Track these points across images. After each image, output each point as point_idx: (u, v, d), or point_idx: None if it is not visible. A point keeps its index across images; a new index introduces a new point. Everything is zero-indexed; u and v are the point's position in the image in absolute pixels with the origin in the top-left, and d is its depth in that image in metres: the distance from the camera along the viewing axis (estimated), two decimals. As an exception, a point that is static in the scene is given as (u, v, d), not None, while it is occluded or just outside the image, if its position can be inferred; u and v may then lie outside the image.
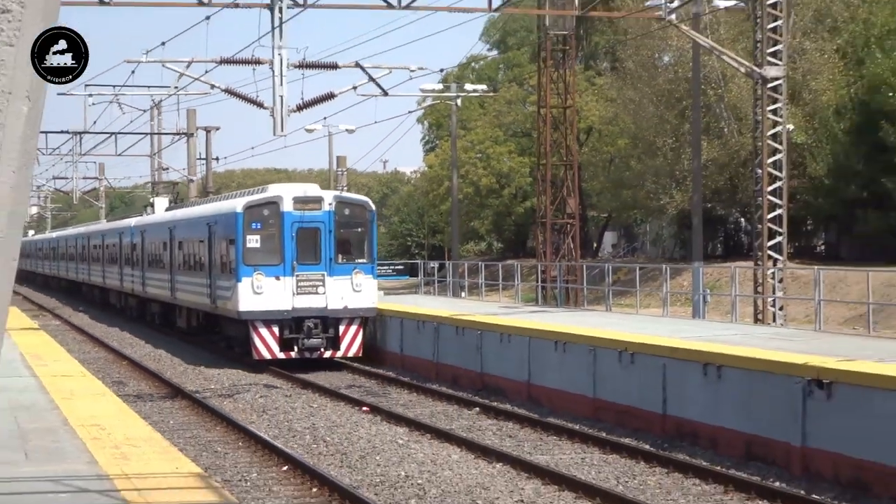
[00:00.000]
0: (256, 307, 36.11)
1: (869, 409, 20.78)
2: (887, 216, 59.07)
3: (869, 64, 60.67)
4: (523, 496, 20.35)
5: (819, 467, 20.82)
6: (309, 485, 21.61)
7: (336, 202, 37.49)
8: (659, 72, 69.60)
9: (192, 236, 48.03)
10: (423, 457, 24.04)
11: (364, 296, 37.30)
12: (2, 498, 11.42)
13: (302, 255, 36.68)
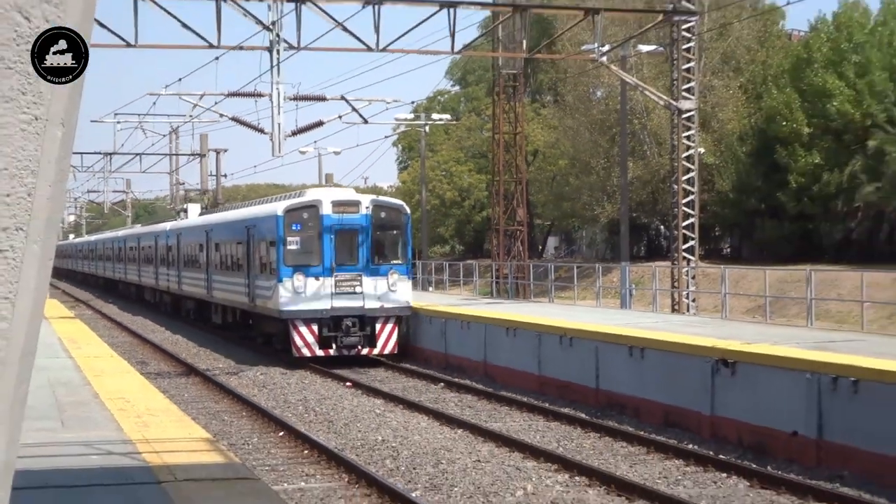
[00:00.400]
0: (296, 306, 32.21)
1: (765, 383, 20.92)
2: (781, 225, 59.50)
3: (766, 98, 61.16)
4: (479, 456, 20.33)
5: (725, 432, 21.27)
6: (301, 447, 21.60)
7: (373, 206, 33.50)
8: (593, 104, 69.88)
9: (229, 238, 42.76)
10: (397, 424, 24.12)
11: (399, 295, 33.30)
12: (43, 460, 11.32)
13: (340, 257, 32.85)
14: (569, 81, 71.28)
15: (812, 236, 58.31)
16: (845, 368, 19.34)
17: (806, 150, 57.65)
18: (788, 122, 58.06)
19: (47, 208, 4.75)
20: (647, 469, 19.39)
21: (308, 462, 20.38)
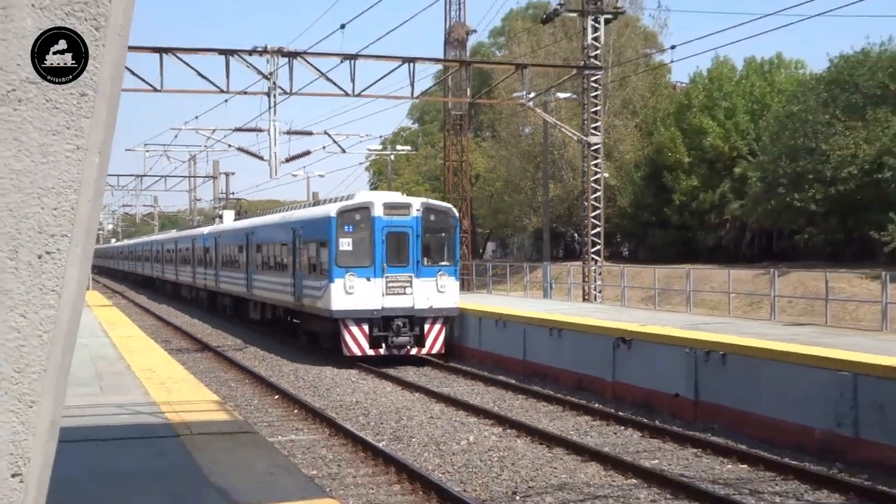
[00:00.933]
0: (348, 306, 27.12)
1: (654, 356, 21.11)
2: (667, 233, 60.35)
3: (656, 135, 61.83)
4: (433, 413, 20.33)
5: (623, 395, 21.47)
6: (292, 407, 21.52)
7: (423, 208, 28.26)
8: (522, 138, 70.05)
9: (271, 240, 36.54)
10: (368, 389, 24.08)
11: (447, 296, 27.96)
12: (85, 418, 11.24)
13: (391, 258, 27.70)
14: (503, 121, 71.55)
15: (691, 242, 58.85)
16: (715, 344, 19.62)
17: (686, 175, 58.34)
18: (673, 153, 58.78)
19: (87, 219, 4.73)
20: (563, 423, 19.47)
21: (297, 419, 20.33)
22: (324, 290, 28.18)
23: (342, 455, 16.77)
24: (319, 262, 28.91)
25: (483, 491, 14.21)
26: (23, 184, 4.66)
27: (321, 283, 28.54)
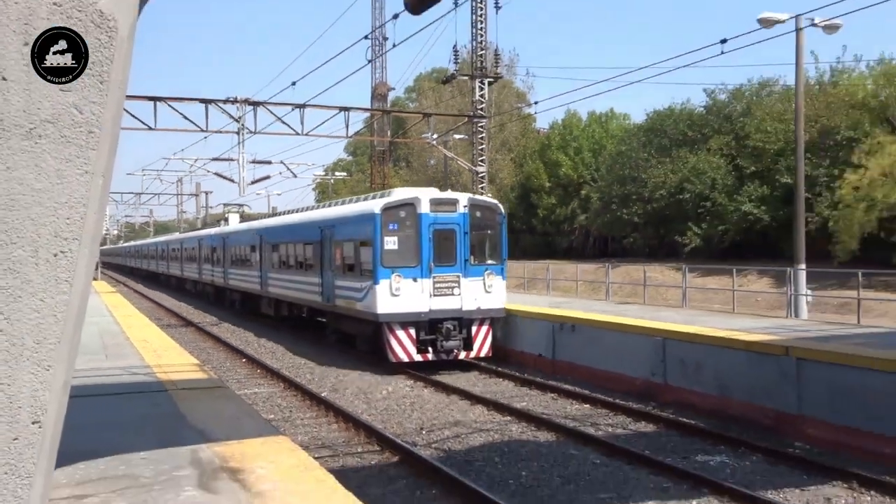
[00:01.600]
0: (394, 309, 20.11)
1: (525, 327, 21.25)
2: (534, 238, 60.74)
3: (525, 166, 62.72)
4: (363, 371, 20.16)
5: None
6: (256, 368, 21.15)
7: (470, 204, 21.65)
8: (428, 168, 70.07)
9: (292, 239, 28.30)
10: (313, 355, 23.68)
11: (495, 297, 21.23)
12: (93, 378, 10.92)
13: (438, 257, 20.82)
14: (414, 155, 71.62)
15: (550, 244, 59.54)
16: (568, 318, 19.84)
17: (547, 195, 59.31)
18: (537, 180, 59.68)
19: (93, 227, 4.62)
20: (456, 378, 19.34)
21: (259, 376, 20.02)
22: (366, 292, 20.63)
23: (294, 403, 16.57)
24: (359, 262, 21.33)
25: (399, 427, 14.20)
26: (42, 199, 4.56)
27: (362, 284, 20.91)
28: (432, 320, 20.04)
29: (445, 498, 10.17)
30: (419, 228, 20.20)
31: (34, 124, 4.35)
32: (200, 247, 45.31)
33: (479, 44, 29.71)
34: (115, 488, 6.03)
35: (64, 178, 4.50)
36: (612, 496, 10.25)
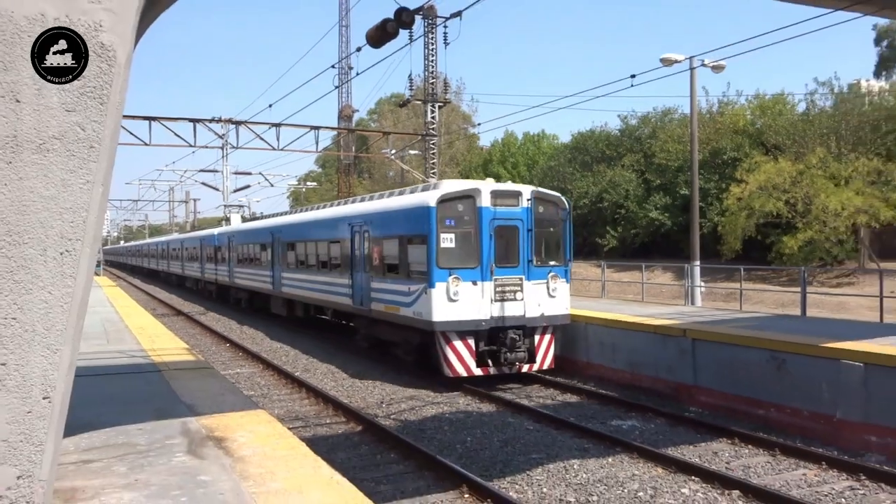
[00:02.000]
0: (451, 316, 15.22)
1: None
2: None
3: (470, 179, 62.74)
4: (332, 353, 19.98)
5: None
6: (239, 351, 20.86)
7: (533, 197, 16.47)
8: (388, 179, 69.79)
9: (313, 237, 22.49)
10: (290, 339, 23.38)
11: (559, 302, 16.40)
12: (95, 360, 10.70)
13: (500, 257, 15.85)
14: (376, 167, 71.32)
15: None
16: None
17: (489, 203, 59.33)
18: (480, 189, 59.65)
19: (94, 229, 4.58)
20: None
21: (241, 359, 19.76)
22: (416, 297, 15.58)
23: (271, 382, 16.40)
24: (405, 263, 16.17)
25: (362, 402, 14.16)
26: (49, 205, 4.50)
27: (410, 287, 15.79)
28: (492, 329, 15.33)
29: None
30: (479, 224, 15.31)
31: (43, 140, 4.32)
32: (202, 246, 40.39)
33: (431, 73, 29.83)
34: (116, 455, 5.95)
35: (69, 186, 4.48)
36: (542, 456, 10.38)
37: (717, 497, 8.63)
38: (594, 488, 8.97)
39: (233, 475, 5.34)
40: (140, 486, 5.17)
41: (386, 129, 49.60)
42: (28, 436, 4.32)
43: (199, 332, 25.77)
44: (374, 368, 17.53)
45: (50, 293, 4.40)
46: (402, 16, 12.01)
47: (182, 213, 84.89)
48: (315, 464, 5.61)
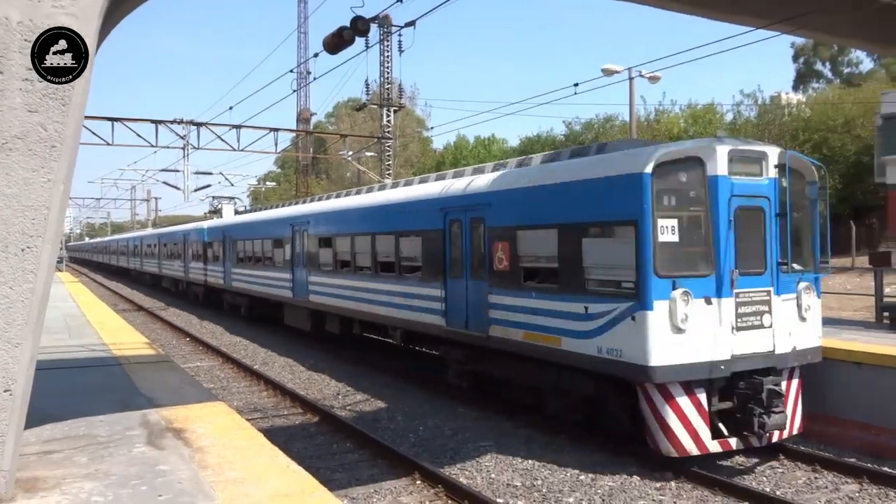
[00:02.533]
0: (678, 357, 7.31)
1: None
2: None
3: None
4: (291, 348, 19.76)
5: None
6: (199, 345, 20.53)
7: (784, 164, 7.96)
8: (346, 180, 69.39)
9: (366, 229, 15.24)
10: (253, 333, 23.05)
11: (811, 328, 8.22)
12: (57, 354, 10.45)
13: (742, 258, 7.78)
14: (333, 168, 70.81)
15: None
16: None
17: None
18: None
19: (55, 226, 4.52)
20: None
21: (201, 353, 19.46)
22: (609, 324, 8.73)
23: (230, 375, 16.22)
24: (580, 267, 9.33)
25: (319, 394, 14.09)
26: (11, 203, 4.43)
27: (597, 307, 8.94)
28: (733, 374, 8.71)
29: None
30: (714, 204, 8.63)
31: (5, 139, 4.24)
32: (187, 241, 32.77)
33: (386, 79, 29.85)
34: (77, 446, 5.85)
35: (30, 185, 4.42)
36: (491, 443, 10.49)
37: None
38: None
39: (192, 465, 5.30)
40: (101, 475, 5.09)
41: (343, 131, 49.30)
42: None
43: (159, 327, 25.26)
44: (332, 362, 17.44)
45: (11, 288, 4.32)
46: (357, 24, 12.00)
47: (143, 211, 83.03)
48: (272, 453, 5.61)
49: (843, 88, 47.58)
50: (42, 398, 7.05)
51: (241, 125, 27.93)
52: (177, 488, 4.82)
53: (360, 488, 8.58)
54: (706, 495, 8.06)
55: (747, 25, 10.78)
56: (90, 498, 4.64)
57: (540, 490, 8.51)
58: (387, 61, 29.43)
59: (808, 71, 50.74)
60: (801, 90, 49.57)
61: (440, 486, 8.45)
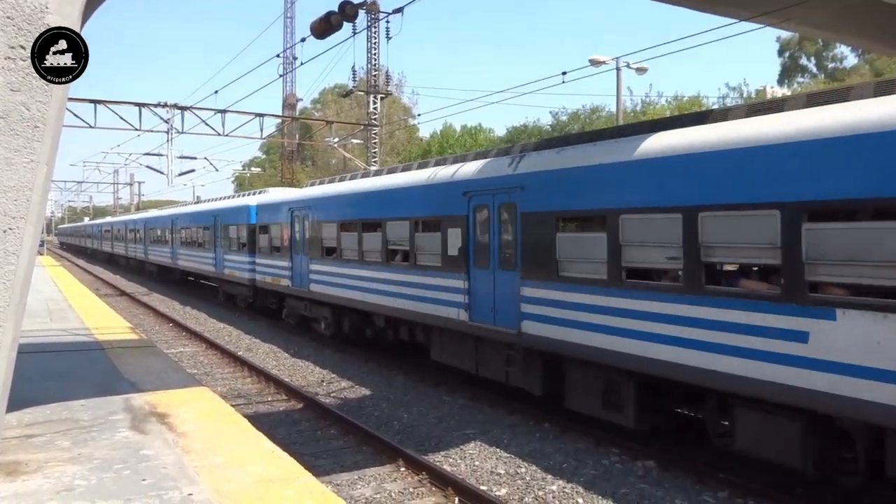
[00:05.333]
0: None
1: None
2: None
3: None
4: (273, 336, 19.69)
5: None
6: (182, 331, 20.42)
7: None
8: (332, 167, 68.91)
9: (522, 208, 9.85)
10: (245, 323, 22.92)
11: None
12: (39, 338, 10.35)
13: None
14: (319, 155, 70.21)
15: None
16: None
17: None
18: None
19: (37, 207, 4.45)
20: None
21: (185, 338, 19.35)
22: None
23: (214, 360, 16.15)
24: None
25: (303, 381, 14.08)
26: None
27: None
28: None
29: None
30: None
31: (-14, 119, 4.16)
32: (220, 225, 24.18)
33: (373, 66, 29.68)
34: (59, 430, 5.80)
35: (12, 165, 4.35)
36: (476, 431, 10.54)
37: None
38: None
39: (175, 449, 5.28)
40: (83, 459, 5.06)
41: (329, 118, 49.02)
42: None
43: (142, 312, 25.08)
44: (316, 349, 17.40)
45: (-8, 271, 4.26)
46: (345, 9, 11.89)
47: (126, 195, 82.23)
48: (257, 439, 5.60)
49: (827, 83, 47.98)
50: (24, 382, 6.98)
51: (227, 110, 27.64)
52: (161, 473, 4.80)
53: (345, 474, 8.59)
54: (687, 484, 8.29)
55: (732, 17, 10.82)
56: (73, 481, 4.61)
57: (524, 478, 8.57)
58: (374, 48, 29.25)
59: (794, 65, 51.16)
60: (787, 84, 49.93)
61: (424, 473, 8.49)
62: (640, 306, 8.18)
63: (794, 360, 6.61)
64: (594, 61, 22.96)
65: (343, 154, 40.21)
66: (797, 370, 6.58)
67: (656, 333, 7.98)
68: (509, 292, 10.25)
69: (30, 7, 4.09)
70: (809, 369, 6.48)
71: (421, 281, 12.36)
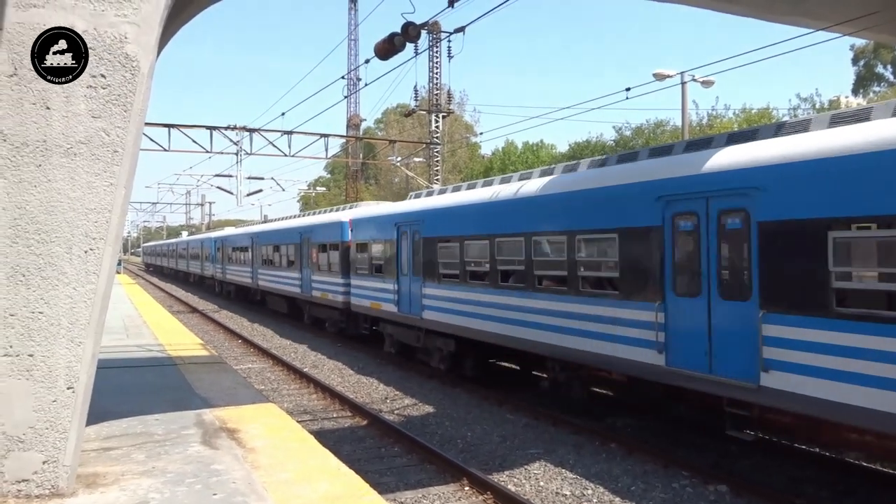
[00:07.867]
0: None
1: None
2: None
3: (472, 185, 62.70)
4: (342, 355, 19.90)
5: None
6: (250, 347, 20.86)
7: None
8: (394, 185, 69.72)
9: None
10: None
11: None
12: (115, 353, 10.75)
13: None
14: (382, 174, 71.14)
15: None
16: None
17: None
18: (482, 196, 59.56)
19: (116, 228, 4.64)
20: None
21: (252, 354, 19.78)
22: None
23: (281, 377, 16.44)
24: None
25: (367, 398, 14.16)
26: (76, 206, 4.56)
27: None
28: None
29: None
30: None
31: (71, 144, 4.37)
32: (378, 242, 17.49)
33: (435, 85, 30.00)
34: (135, 443, 5.99)
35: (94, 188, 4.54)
36: (540, 451, 10.37)
37: None
38: None
39: (245, 465, 5.38)
40: (157, 473, 5.20)
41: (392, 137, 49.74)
42: (53, 423, 4.37)
43: (212, 328, 25.81)
44: (379, 367, 17.51)
45: (75, 289, 4.45)
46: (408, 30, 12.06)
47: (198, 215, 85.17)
48: (323, 455, 5.64)
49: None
50: (102, 396, 7.26)
51: (293, 131, 28.38)
52: (231, 487, 4.89)
53: (409, 492, 8.57)
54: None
55: (805, 27, 10.46)
56: (147, 494, 4.74)
57: (590, 500, 8.37)
58: (436, 67, 29.57)
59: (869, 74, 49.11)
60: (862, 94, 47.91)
61: (489, 493, 8.39)
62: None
63: None
64: (659, 75, 22.58)
65: (405, 173, 40.70)
66: None
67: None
68: (739, 329, 7.66)
69: (110, 38, 4.29)
70: None
71: (586, 311, 10.04)
